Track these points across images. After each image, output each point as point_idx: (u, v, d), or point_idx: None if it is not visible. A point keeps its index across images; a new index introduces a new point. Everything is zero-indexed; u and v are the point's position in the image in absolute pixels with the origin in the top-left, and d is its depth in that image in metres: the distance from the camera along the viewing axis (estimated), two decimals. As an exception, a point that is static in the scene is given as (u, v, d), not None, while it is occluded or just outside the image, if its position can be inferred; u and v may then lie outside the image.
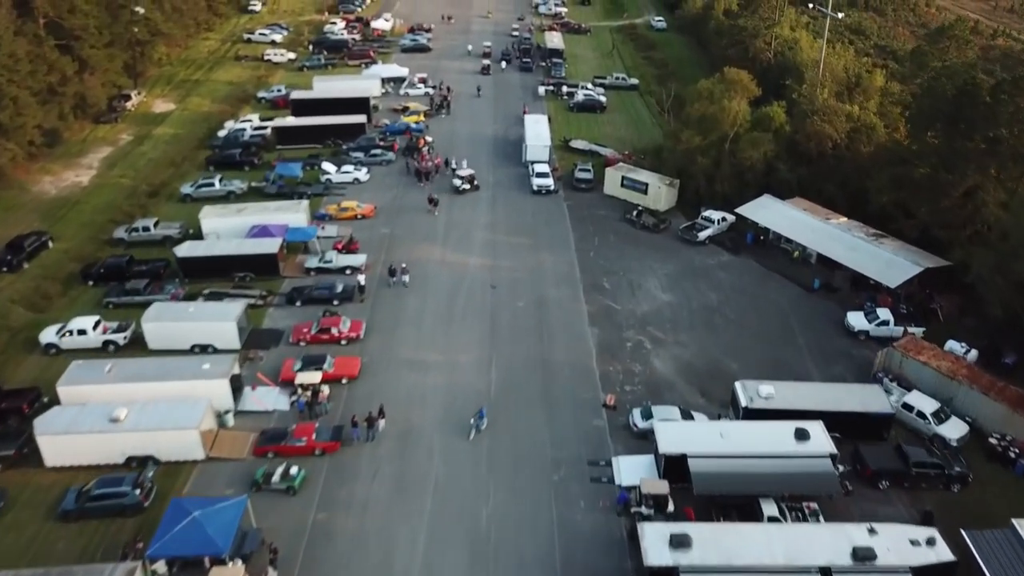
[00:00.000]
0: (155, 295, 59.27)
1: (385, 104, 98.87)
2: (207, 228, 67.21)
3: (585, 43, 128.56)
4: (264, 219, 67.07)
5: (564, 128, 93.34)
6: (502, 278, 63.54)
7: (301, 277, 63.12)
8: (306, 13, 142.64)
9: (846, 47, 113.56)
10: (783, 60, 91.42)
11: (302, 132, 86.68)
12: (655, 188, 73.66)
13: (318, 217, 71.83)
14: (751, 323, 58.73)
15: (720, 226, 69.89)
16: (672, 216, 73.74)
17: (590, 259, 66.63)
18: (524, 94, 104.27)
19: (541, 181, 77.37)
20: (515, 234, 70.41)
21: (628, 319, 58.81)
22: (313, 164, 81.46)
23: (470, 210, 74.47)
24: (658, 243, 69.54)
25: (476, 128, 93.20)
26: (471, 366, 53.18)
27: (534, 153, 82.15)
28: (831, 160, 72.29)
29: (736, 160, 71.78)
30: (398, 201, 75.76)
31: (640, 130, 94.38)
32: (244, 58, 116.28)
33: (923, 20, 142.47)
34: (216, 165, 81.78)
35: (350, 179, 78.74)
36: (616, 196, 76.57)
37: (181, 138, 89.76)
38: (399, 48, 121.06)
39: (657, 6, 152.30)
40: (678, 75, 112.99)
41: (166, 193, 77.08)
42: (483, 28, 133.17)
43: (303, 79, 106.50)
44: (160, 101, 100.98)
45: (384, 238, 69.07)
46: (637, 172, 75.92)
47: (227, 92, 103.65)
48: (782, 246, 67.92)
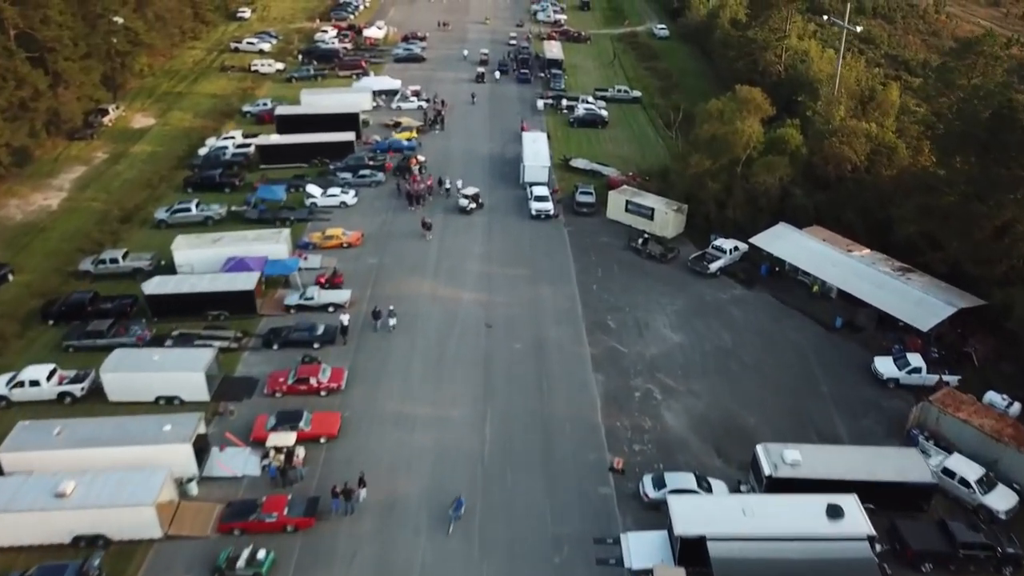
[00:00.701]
0: (119, 337, 54.01)
1: (376, 119, 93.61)
2: (180, 260, 61.96)
3: (585, 52, 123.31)
4: (241, 250, 61.81)
5: (564, 145, 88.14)
6: (498, 315, 58.29)
7: (280, 315, 57.82)
8: (297, 20, 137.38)
9: (856, 57, 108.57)
10: (795, 74, 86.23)
11: (287, 150, 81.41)
12: (662, 214, 68.45)
13: (301, 246, 66.55)
14: (769, 368, 53.50)
15: (732, 256, 64.69)
16: (680, 244, 68.50)
17: (593, 293, 61.42)
18: (522, 107, 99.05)
19: (540, 205, 72.13)
20: (512, 264, 65.18)
21: (636, 364, 53.57)
22: (298, 186, 76.24)
23: (464, 237, 69.23)
24: (666, 274, 64.31)
25: (471, 145, 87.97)
26: (463, 422, 47.91)
27: (532, 175, 76.93)
28: (850, 184, 67.14)
29: (749, 185, 66.56)
30: (387, 227, 70.50)
31: (644, 147, 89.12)
32: (230, 69, 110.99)
33: (933, 28, 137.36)
34: (194, 187, 76.52)
35: (336, 203, 73.48)
36: (620, 221, 71.34)
37: (159, 156, 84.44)
38: (392, 58, 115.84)
39: (659, 13, 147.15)
40: (682, 87, 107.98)
41: (140, 218, 71.77)
42: (480, 36, 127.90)
43: (291, 91, 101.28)
44: (140, 115, 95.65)
45: (371, 269, 63.82)
46: (642, 196, 70.69)
47: (211, 106, 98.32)
48: (799, 278, 62.68)
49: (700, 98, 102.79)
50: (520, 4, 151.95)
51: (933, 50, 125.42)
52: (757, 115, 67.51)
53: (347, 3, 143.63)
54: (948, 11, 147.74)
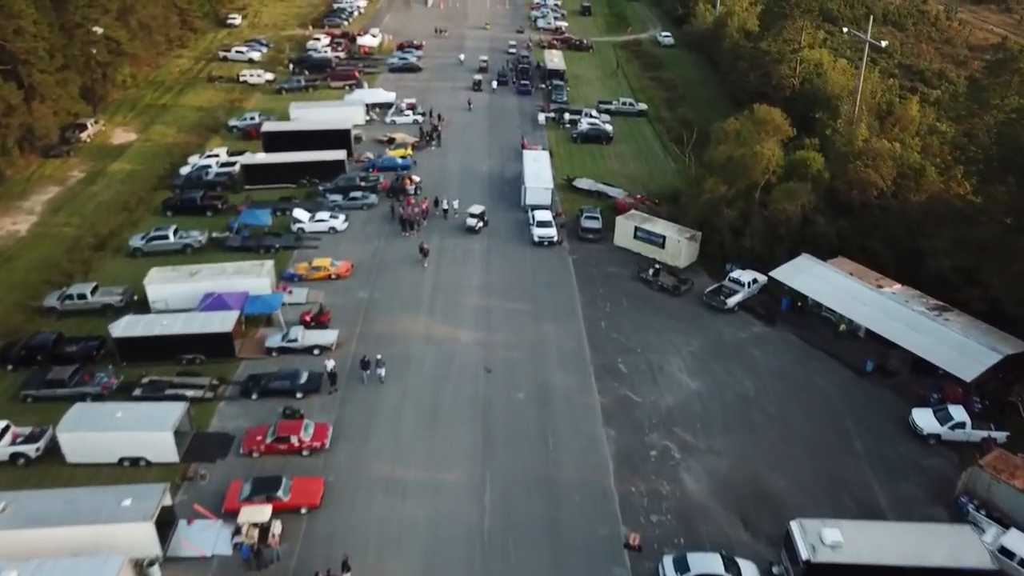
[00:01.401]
0: (83, 387, 48.89)
1: (369, 134, 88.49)
2: (153, 296, 56.84)
3: (587, 61, 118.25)
4: (220, 285, 56.67)
5: (566, 162, 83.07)
6: (498, 358, 53.19)
7: (261, 358, 52.67)
8: (289, 27, 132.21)
9: (870, 68, 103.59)
10: (811, 88, 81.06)
11: (273, 170, 76.30)
12: (674, 242, 63.40)
13: (286, 278, 61.45)
14: (796, 421, 48.43)
15: (751, 289, 59.66)
16: (693, 274, 63.48)
17: (601, 331, 56.32)
18: (522, 121, 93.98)
19: (543, 231, 67.02)
20: (513, 298, 60.08)
21: (650, 416, 48.49)
22: (284, 209, 71.11)
23: (461, 266, 64.15)
24: (679, 309, 59.25)
25: (469, 163, 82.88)
26: (460, 488, 42.79)
27: (534, 197, 71.85)
28: (876, 211, 62.20)
29: (768, 212, 61.47)
30: (379, 255, 65.40)
31: (651, 165, 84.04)
32: (217, 79, 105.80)
33: (946, 36, 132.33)
34: (174, 210, 71.37)
35: (325, 228, 68.33)
36: (628, 249, 66.30)
37: (138, 176, 79.25)
38: (387, 67, 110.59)
39: (662, 20, 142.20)
40: (689, 98, 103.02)
41: (114, 245, 66.58)
42: (478, 43, 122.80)
43: (280, 104, 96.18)
44: (121, 130, 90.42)
45: (361, 305, 58.70)
46: (652, 222, 65.60)
47: (196, 119, 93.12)
48: (823, 314, 57.61)
49: (708, 110, 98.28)
50: (519, 11, 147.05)
51: (948, 59, 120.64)
52: (776, 137, 62.31)
53: (341, 9, 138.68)
54: (960, 17, 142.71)
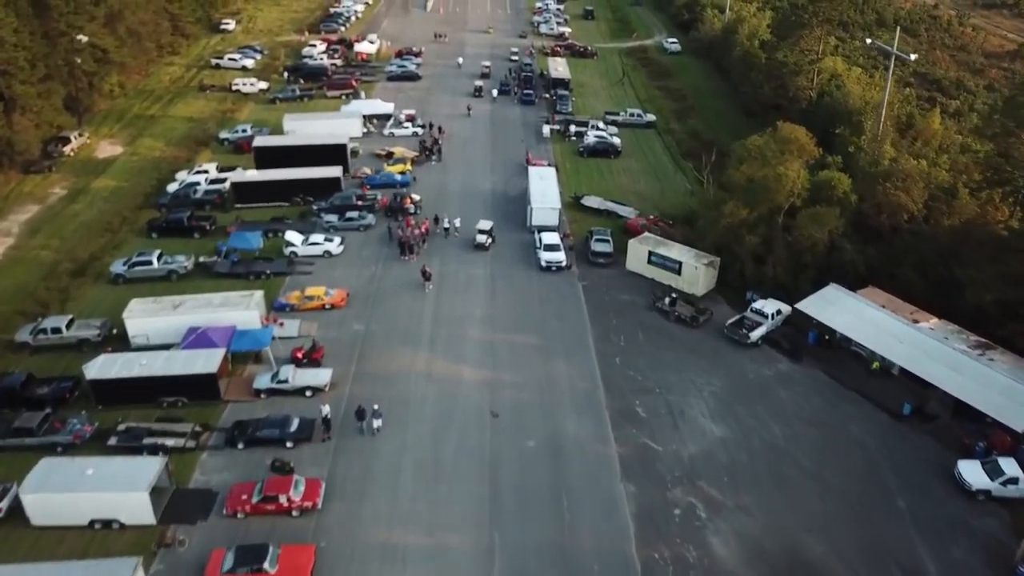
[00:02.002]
0: (53, 435, 44.63)
1: (367, 147, 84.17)
2: (133, 331, 52.60)
3: (592, 69, 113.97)
4: (205, 319, 52.39)
5: (573, 178, 78.79)
6: (505, 400, 48.93)
7: (249, 400, 48.35)
8: (284, 32, 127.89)
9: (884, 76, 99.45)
10: (830, 102, 76.69)
11: (265, 188, 71.96)
12: (691, 269, 59.19)
13: (276, 308, 57.15)
14: (832, 474, 44.21)
15: (775, 321, 55.42)
16: (711, 302, 59.30)
17: (616, 368, 52.09)
18: (526, 134, 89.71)
19: (550, 256, 62.76)
20: (520, 330, 55.83)
21: (673, 467, 44.26)
22: (276, 231, 66.82)
23: (463, 295, 59.88)
24: (699, 343, 55.03)
25: (471, 179, 78.61)
26: (465, 556, 38.53)
27: (541, 218, 67.59)
28: (906, 237, 57.98)
29: (792, 238, 57.22)
30: (377, 282, 61.12)
31: (662, 180, 79.82)
32: (209, 88, 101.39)
33: (960, 42, 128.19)
34: (160, 231, 67.08)
35: (319, 252, 64.01)
36: (641, 274, 62.08)
37: (123, 193, 74.89)
38: (385, 75, 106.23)
39: (667, 25, 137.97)
40: (699, 109, 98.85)
41: (94, 271, 62.26)
42: (479, 49, 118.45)
43: (274, 114, 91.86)
44: (106, 143, 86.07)
45: (356, 338, 54.41)
46: (668, 246, 61.35)
47: (185, 131, 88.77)
48: (853, 348, 53.40)
49: (719, 122, 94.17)
50: (521, 15, 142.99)
51: (964, 67, 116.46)
52: (801, 158, 58.06)
53: (338, 14, 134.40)
54: (972, 23, 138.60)
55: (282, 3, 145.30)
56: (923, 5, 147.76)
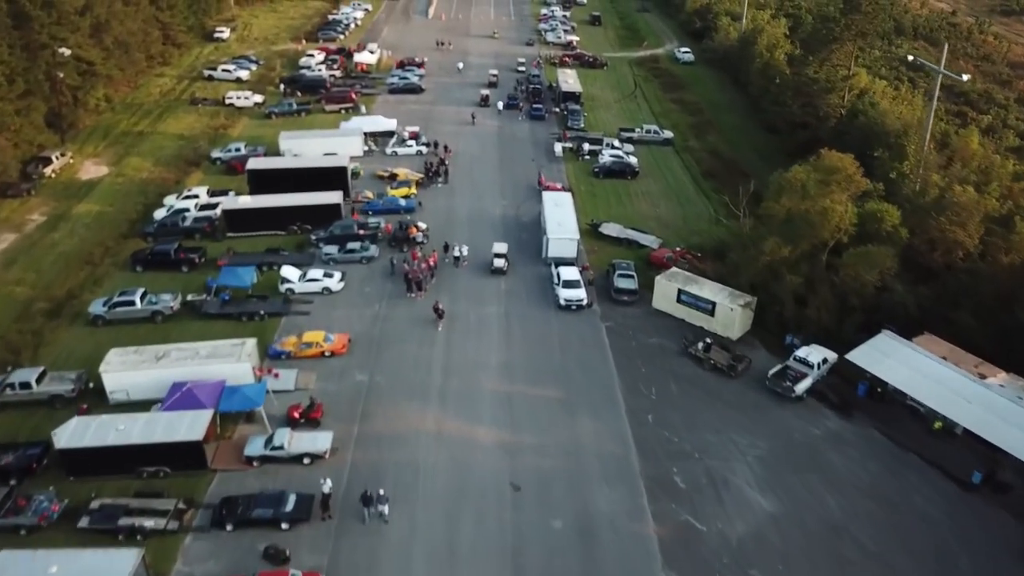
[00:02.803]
0: (18, 514, 39.17)
1: (368, 166, 78.62)
2: (112, 385, 47.14)
3: (602, 80, 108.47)
4: (192, 372, 46.89)
5: (588, 203, 73.30)
6: (526, 468, 43.48)
7: (240, 469, 42.80)
8: (280, 40, 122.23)
9: (911, 90, 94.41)
10: (865, 122, 71.15)
11: (259, 216, 66.36)
12: (726, 310, 53.75)
13: (271, 356, 51.67)
14: (900, 559, 38.88)
15: (820, 371, 49.98)
16: (747, 346, 53.94)
17: (649, 428, 46.67)
18: (536, 152, 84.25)
19: (570, 293, 57.26)
20: (539, 381, 50.36)
21: (719, 552, 38.83)
22: (271, 264, 61.31)
23: (475, 338, 54.40)
24: (738, 396, 49.62)
25: (480, 203, 73.15)
26: (490, 673, 32.97)
27: (558, 249, 62.13)
28: (962, 276, 52.54)
29: (839, 279, 51.75)
30: (381, 323, 55.60)
31: (684, 206, 74.34)
32: (201, 102, 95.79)
33: (983, 52, 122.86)
34: (145, 265, 61.54)
35: (318, 288, 58.48)
36: (670, 314, 56.62)
37: (107, 220, 69.26)
38: (386, 88, 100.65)
39: (677, 33, 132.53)
40: (717, 125, 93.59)
41: (72, 311, 56.66)
42: (484, 59, 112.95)
43: (269, 131, 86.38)
44: (91, 163, 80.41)
45: (359, 391, 48.91)
46: (699, 284, 55.90)
47: (175, 150, 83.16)
48: (909, 402, 47.97)
49: (739, 139, 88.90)
50: (526, 22, 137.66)
51: (989, 78, 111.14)
52: (848, 190, 52.63)
53: (336, 21, 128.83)
54: (992, 31, 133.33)
55: (278, 10, 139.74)
56: (940, 12, 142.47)
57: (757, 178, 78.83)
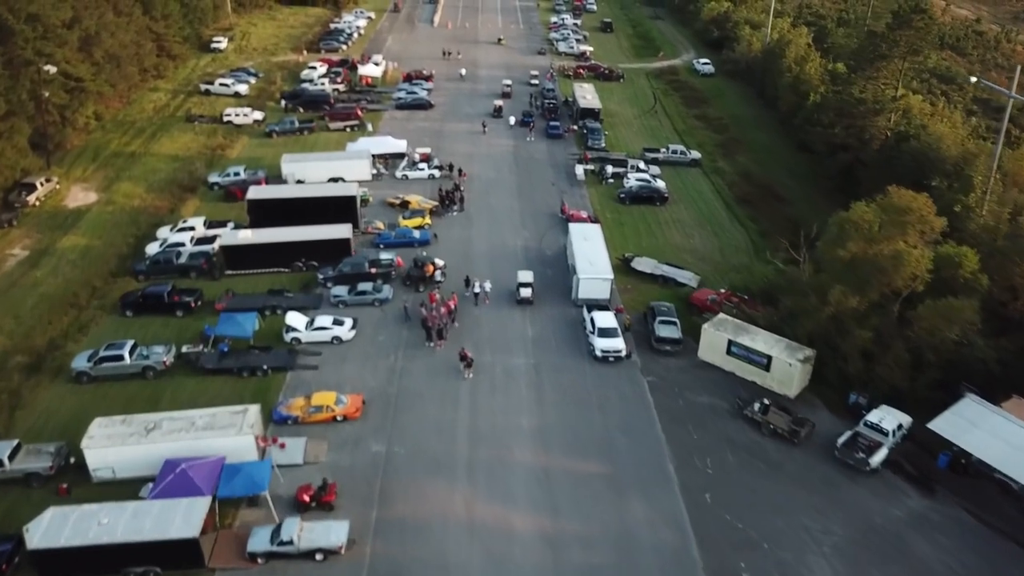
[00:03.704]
0: (-21, 635, 32.85)
1: (377, 192, 72.59)
2: (95, 462, 41.12)
3: (620, 94, 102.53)
4: (186, 447, 40.84)
5: (616, 232, 67.29)
6: (571, 564, 37.55)
7: (242, 568, 36.71)
8: (280, 51, 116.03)
9: (947, 105, 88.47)
10: (918, 147, 65.06)
11: (261, 252, 60.18)
12: (783, 365, 47.79)
13: (276, 421, 45.58)
14: None
15: (896, 438, 44.03)
16: (806, 404, 48.03)
17: (707, 509, 40.73)
18: (556, 175, 78.26)
19: (607, 344, 51.19)
20: (579, 452, 44.35)
21: (804, 675, 32.69)
22: (274, 308, 55.17)
23: (503, 396, 48.40)
24: (804, 468, 43.71)
25: (500, 234, 67.15)
26: None
27: (590, 290, 56.17)
28: (1046, 327, 46.63)
29: (913, 333, 45.74)
30: (397, 379, 49.55)
31: (720, 236, 68.41)
32: (197, 119, 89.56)
33: (1013, 61, 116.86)
34: (135, 309, 55.31)
35: (327, 337, 52.36)
36: (719, 366, 50.66)
37: (94, 255, 63.07)
38: (393, 103, 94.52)
39: (693, 42, 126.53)
40: (746, 144, 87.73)
41: (53, 365, 50.51)
42: (493, 71, 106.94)
43: (270, 151, 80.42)
44: (79, 188, 74.16)
45: (376, 465, 42.89)
46: (752, 335, 49.90)
47: (169, 173, 76.92)
48: (997, 476, 42.04)
49: (770, 159, 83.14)
50: (535, 30, 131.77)
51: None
52: (922, 233, 46.67)
53: (338, 30, 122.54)
54: (1020, 39, 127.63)
55: (277, 17, 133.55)
56: (963, 20, 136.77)
57: (793, 204, 73.49)
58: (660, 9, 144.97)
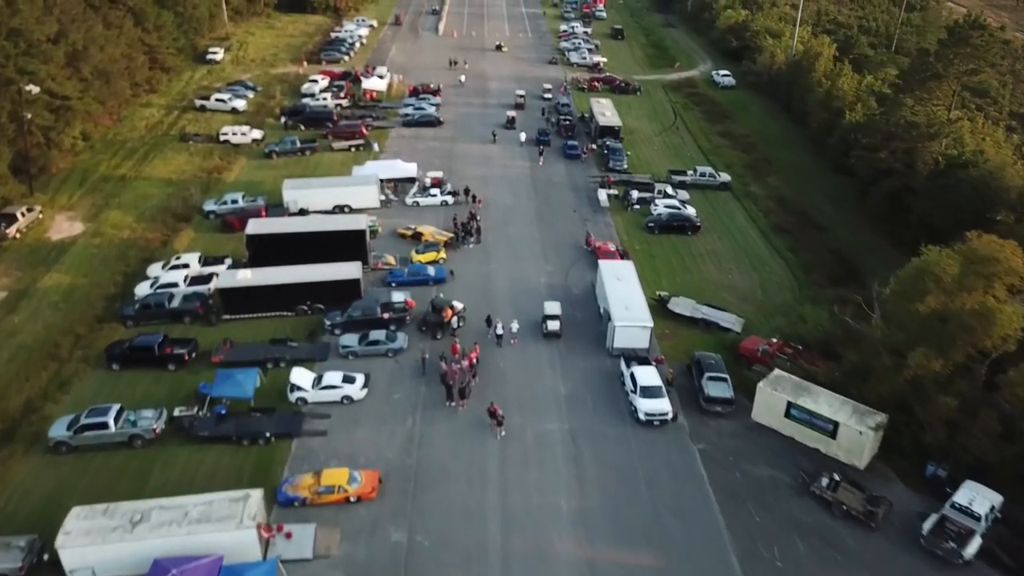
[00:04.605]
0: None
1: (387, 220, 66.83)
2: (73, 563, 35.29)
3: (637, 108, 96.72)
4: (178, 545, 34.90)
5: (646, 265, 61.58)
6: None
7: None
8: (279, 62, 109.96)
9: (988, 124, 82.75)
10: (976, 176, 59.25)
11: (262, 295, 54.17)
12: (852, 433, 42.09)
13: (280, 503, 39.69)
14: None
15: (988, 522, 38.28)
16: (877, 476, 42.38)
17: (778, 613, 34.75)
18: (577, 200, 72.48)
19: (652, 406, 45.36)
20: (627, 539, 38.59)
21: None
22: (277, 360, 49.29)
23: (538, 469, 42.66)
24: (884, 558, 38.06)
25: (521, 269, 61.38)
26: None
27: (628, 339, 50.37)
28: None
29: (1005, 400, 40.00)
30: (416, 448, 43.75)
31: (757, 268, 62.75)
32: (193, 138, 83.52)
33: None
34: (122, 362, 49.33)
35: (337, 397, 46.46)
36: (776, 430, 44.88)
37: (79, 296, 57.08)
38: (399, 120, 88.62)
39: (711, 53, 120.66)
40: (776, 164, 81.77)
41: (30, 432, 44.53)
42: (504, 85, 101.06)
43: (270, 174, 74.78)
44: (64, 217, 68.09)
45: (396, 560, 37.09)
46: (814, 396, 44.17)
47: (162, 199, 70.94)
48: (1106, 568, 36.32)
49: (805, 182, 77.41)
50: (544, 39, 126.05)
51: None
52: (1011, 283, 40.94)
53: (340, 40, 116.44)
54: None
55: (276, 26, 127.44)
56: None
57: (834, 233, 67.86)
58: (672, 16, 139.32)
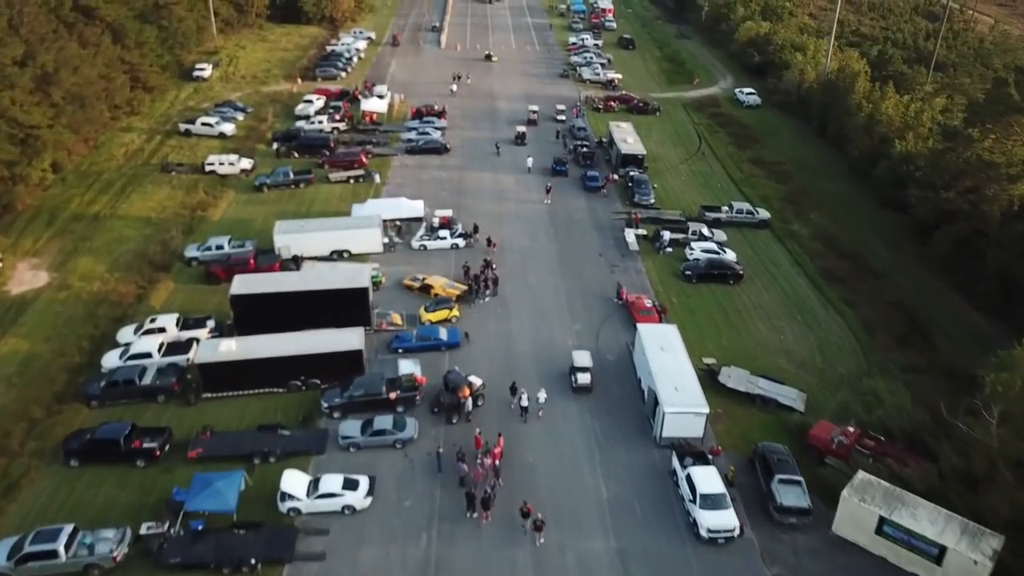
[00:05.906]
0: None
1: (391, 269, 58.58)
2: None
3: (658, 130, 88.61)
4: None
5: (687, 322, 53.60)
6: None
7: None
8: (271, 79, 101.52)
9: None
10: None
11: (249, 370, 45.87)
12: (964, 561, 34.15)
13: (269, 666, 31.29)
14: None
15: None
16: (995, 613, 34.14)
17: None
18: (602, 241, 64.52)
19: (716, 520, 37.39)
20: None
21: None
22: (266, 454, 41.10)
23: (584, 604, 34.29)
24: None
25: (544, 329, 53.30)
26: None
27: (680, 428, 42.41)
28: None
29: None
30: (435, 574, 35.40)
31: (811, 326, 54.90)
32: (175, 168, 75.14)
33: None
34: (83, 458, 41.16)
35: (336, 507, 38.30)
36: (863, 547, 36.86)
37: (37, 368, 48.77)
38: (402, 145, 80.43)
39: (732, 68, 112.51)
40: (816, 196, 73.72)
41: (-35, 557, 36.01)
42: (513, 105, 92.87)
43: (261, 209, 66.90)
44: (27, 266, 59.77)
45: None
46: (911, 508, 36.34)
47: (139, 243, 62.67)
48: None
49: (853, 219, 69.76)
50: (553, 52, 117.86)
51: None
52: None
53: (336, 55, 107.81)
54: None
55: (268, 39, 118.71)
56: (1018, 38, 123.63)
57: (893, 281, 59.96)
58: (686, 27, 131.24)
